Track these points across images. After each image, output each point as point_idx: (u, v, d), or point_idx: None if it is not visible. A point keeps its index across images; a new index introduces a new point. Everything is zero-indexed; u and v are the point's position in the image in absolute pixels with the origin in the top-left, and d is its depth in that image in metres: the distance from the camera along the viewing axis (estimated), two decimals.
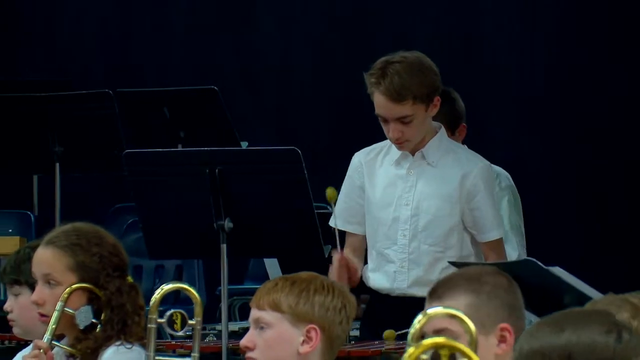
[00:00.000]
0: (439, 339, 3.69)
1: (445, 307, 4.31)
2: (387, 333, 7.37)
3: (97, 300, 5.90)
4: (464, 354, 3.64)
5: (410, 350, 3.54)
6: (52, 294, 5.81)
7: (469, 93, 9.45)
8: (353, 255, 7.78)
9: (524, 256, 8.24)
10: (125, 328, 5.84)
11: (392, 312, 7.12)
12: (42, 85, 10.53)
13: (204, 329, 6.76)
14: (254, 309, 5.34)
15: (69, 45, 13.20)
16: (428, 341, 3.67)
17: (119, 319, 5.85)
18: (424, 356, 3.63)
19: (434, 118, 7.97)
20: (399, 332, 7.03)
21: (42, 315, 5.80)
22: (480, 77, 12.55)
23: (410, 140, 7.60)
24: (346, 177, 7.94)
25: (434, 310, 3.98)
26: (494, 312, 4.82)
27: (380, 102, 7.51)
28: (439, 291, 4.70)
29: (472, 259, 7.61)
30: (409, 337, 3.68)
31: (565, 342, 3.72)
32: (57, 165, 9.43)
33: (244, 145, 9.35)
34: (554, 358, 3.73)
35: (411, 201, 7.72)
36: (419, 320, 3.76)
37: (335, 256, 7.07)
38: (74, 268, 5.80)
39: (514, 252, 8.31)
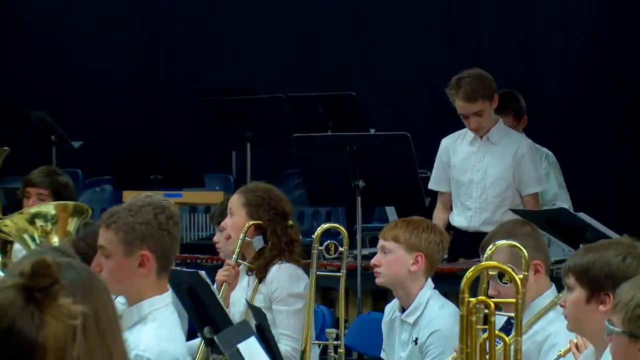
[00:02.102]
0: (494, 263, 4.64)
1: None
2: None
3: (266, 232, 6.71)
4: (508, 273, 4.51)
5: (480, 266, 4.54)
6: (231, 221, 6.74)
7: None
8: (443, 207, 8.71)
9: (571, 207, 8.51)
10: (285, 253, 6.68)
11: (468, 242, 7.55)
12: (237, 91, 10.79)
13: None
14: (380, 239, 6.18)
15: (245, 60, 12.76)
16: (490, 263, 4.63)
17: (281, 246, 6.69)
18: (492, 272, 4.64)
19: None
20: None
21: (227, 238, 6.74)
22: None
23: (484, 127, 8.39)
24: (437, 156, 8.73)
25: (500, 242, 4.95)
26: (528, 254, 5.07)
27: (461, 105, 8.30)
28: (490, 242, 5.17)
29: (521, 207, 8.19)
30: (484, 258, 4.77)
31: (587, 261, 4.41)
32: (248, 145, 9.82)
33: (372, 131, 9.65)
34: (577, 271, 4.42)
35: (481, 169, 8.51)
36: (490, 248, 4.73)
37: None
38: (246, 205, 6.70)
39: (565, 204, 8.71)
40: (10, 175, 9.08)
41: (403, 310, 6.03)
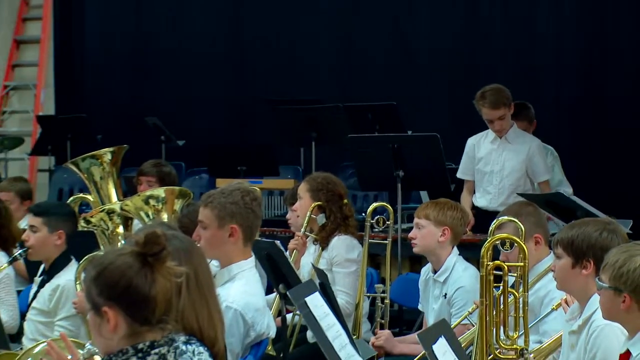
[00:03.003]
0: (505, 234, 4.81)
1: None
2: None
3: (326, 210, 6.70)
4: (516, 242, 4.72)
5: (494, 237, 4.70)
6: (299, 204, 6.79)
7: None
8: (468, 191, 8.62)
9: (571, 191, 8.48)
10: (342, 226, 6.71)
11: (488, 219, 6.63)
12: (305, 101, 10.71)
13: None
14: (415, 217, 6.14)
15: (311, 75, 12.42)
16: (499, 235, 4.78)
17: (338, 221, 6.71)
18: (497, 242, 4.73)
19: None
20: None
21: (297, 216, 6.83)
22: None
23: (505, 129, 8.32)
24: (465, 152, 8.63)
25: (502, 218, 5.14)
26: (528, 227, 5.35)
27: (487, 112, 8.24)
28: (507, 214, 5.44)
29: (530, 191, 8.17)
30: (490, 229, 5.00)
31: (571, 235, 4.39)
32: (313, 143, 9.60)
33: (409, 132, 9.49)
34: (564, 243, 4.39)
35: (500, 162, 8.44)
36: (494, 223, 4.96)
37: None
38: (309, 190, 6.72)
39: (568, 188, 8.64)
40: (130, 167, 9.04)
41: (435, 272, 6.02)
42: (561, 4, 11.16)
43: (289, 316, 6.11)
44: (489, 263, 4.53)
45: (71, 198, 8.14)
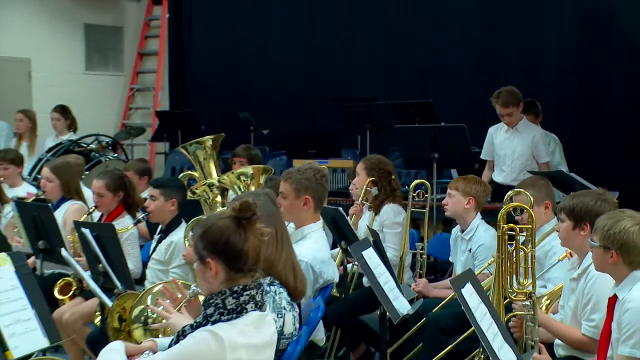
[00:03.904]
0: (515, 203, 4.76)
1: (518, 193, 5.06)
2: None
3: (378, 184, 6.61)
4: (526, 209, 4.71)
5: (509, 205, 4.66)
6: (357, 179, 6.68)
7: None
8: (489, 169, 8.56)
9: (566, 169, 8.31)
10: (390, 197, 6.63)
11: (503, 190, 6.53)
12: (362, 99, 10.43)
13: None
14: (448, 189, 6.10)
15: (367, 77, 12.29)
16: (512, 204, 4.73)
17: (387, 192, 6.63)
18: (511, 209, 4.67)
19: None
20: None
21: (356, 189, 6.67)
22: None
23: (513, 122, 8.29)
24: (486, 139, 8.58)
25: (515, 189, 5.12)
26: (540, 195, 5.40)
27: (498, 108, 8.24)
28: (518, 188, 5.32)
29: (537, 169, 8.05)
30: (505, 198, 4.90)
31: (572, 203, 4.39)
32: (368, 132, 9.65)
33: (442, 123, 9.34)
34: (567, 210, 4.39)
35: (512, 147, 8.38)
36: (508, 194, 4.89)
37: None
38: (365, 169, 6.63)
39: (565, 168, 8.47)
40: (226, 150, 9.00)
41: (462, 231, 5.99)
42: (562, 22, 10.94)
43: (349, 266, 6.08)
44: (504, 225, 4.50)
45: (181, 174, 8.19)
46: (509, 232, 4.56)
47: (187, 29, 14.35)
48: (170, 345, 3.11)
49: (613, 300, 3.88)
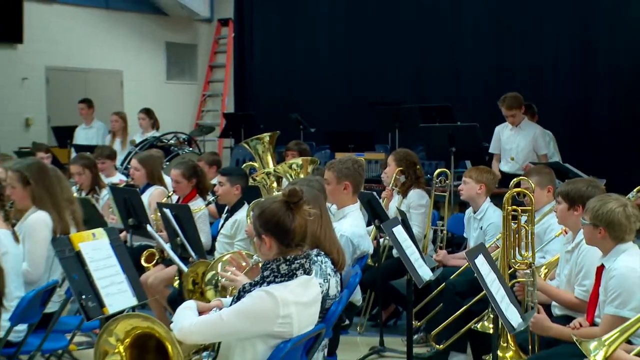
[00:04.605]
0: (519, 189, 4.62)
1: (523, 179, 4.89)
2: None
3: (405, 173, 6.52)
4: (526, 194, 4.59)
5: (513, 190, 4.53)
6: (388, 169, 6.63)
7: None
8: (496, 161, 8.37)
9: (560, 159, 8.36)
10: (416, 183, 6.56)
11: (508, 178, 6.35)
12: (391, 103, 10.69)
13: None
14: (463, 177, 6.01)
15: (397, 84, 12.25)
16: (518, 189, 4.63)
17: (412, 179, 6.55)
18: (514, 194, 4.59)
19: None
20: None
21: (387, 177, 6.62)
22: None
23: (516, 122, 8.18)
24: (494, 136, 8.41)
25: (518, 178, 4.83)
26: (545, 181, 5.29)
27: (504, 111, 8.18)
28: (527, 174, 5.24)
29: (537, 161, 7.89)
30: (510, 185, 4.76)
31: (568, 188, 4.34)
32: (397, 130, 9.47)
33: (458, 122, 9.20)
34: (563, 194, 4.33)
35: (515, 142, 8.25)
36: (513, 181, 4.71)
37: None
38: (394, 160, 6.58)
39: (558, 159, 8.42)
40: (280, 145, 8.92)
41: (474, 212, 5.90)
42: (557, 42, 10.94)
43: (381, 240, 6.05)
44: (508, 207, 4.43)
45: (244, 165, 8.14)
46: (512, 212, 4.48)
47: (248, 46, 14.34)
48: (232, 303, 3.11)
49: (600, 269, 3.85)
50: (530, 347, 4.11)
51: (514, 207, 4.47)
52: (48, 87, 13.34)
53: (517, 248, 4.43)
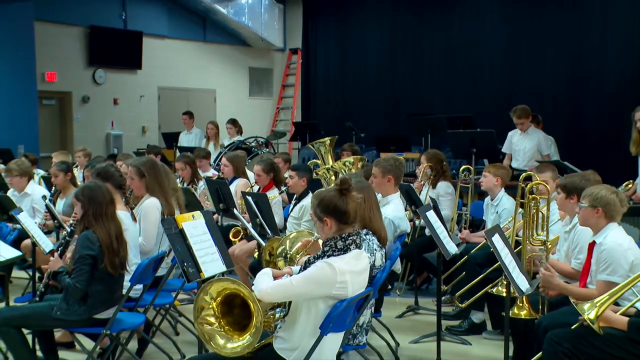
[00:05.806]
0: (536, 181, 4.41)
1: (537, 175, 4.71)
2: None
3: (433, 168, 6.35)
4: (539, 184, 4.38)
5: (532, 183, 4.33)
6: (421, 166, 6.42)
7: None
8: (508, 159, 7.99)
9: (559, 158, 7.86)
10: (442, 177, 6.37)
11: (518, 173, 6.20)
12: (423, 114, 10.42)
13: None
14: (483, 172, 5.79)
15: (431, 99, 12.07)
16: (536, 181, 4.41)
17: (440, 174, 6.38)
18: (529, 187, 4.31)
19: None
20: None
21: (419, 171, 6.49)
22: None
23: (524, 128, 7.92)
24: (506, 139, 8.16)
25: (526, 173, 4.70)
26: (555, 176, 5.17)
27: (514, 120, 7.93)
28: (536, 170, 5.07)
29: (540, 159, 7.63)
30: (520, 179, 4.63)
31: (566, 181, 4.23)
32: (429, 134, 9.23)
33: (478, 129, 8.74)
34: (562, 186, 4.22)
35: (523, 145, 8.00)
36: (522, 175, 4.65)
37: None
38: (426, 159, 6.37)
39: (557, 157, 7.96)
40: (337, 147, 8.78)
41: (491, 200, 5.75)
42: (557, 65, 10.79)
43: (416, 222, 6.00)
44: (530, 196, 4.28)
45: (309, 162, 8.22)
46: (521, 200, 4.39)
47: (312, 69, 14.28)
48: (300, 272, 3.10)
49: (592, 245, 3.77)
50: (540, 307, 4.01)
51: (533, 195, 4.34)
52: (159, 102, 13.73)
53: (533, 229, 4.31)
